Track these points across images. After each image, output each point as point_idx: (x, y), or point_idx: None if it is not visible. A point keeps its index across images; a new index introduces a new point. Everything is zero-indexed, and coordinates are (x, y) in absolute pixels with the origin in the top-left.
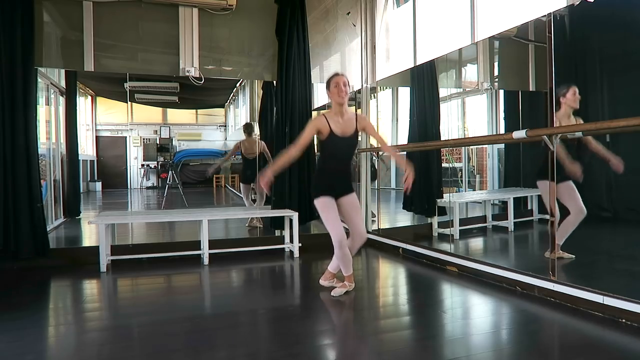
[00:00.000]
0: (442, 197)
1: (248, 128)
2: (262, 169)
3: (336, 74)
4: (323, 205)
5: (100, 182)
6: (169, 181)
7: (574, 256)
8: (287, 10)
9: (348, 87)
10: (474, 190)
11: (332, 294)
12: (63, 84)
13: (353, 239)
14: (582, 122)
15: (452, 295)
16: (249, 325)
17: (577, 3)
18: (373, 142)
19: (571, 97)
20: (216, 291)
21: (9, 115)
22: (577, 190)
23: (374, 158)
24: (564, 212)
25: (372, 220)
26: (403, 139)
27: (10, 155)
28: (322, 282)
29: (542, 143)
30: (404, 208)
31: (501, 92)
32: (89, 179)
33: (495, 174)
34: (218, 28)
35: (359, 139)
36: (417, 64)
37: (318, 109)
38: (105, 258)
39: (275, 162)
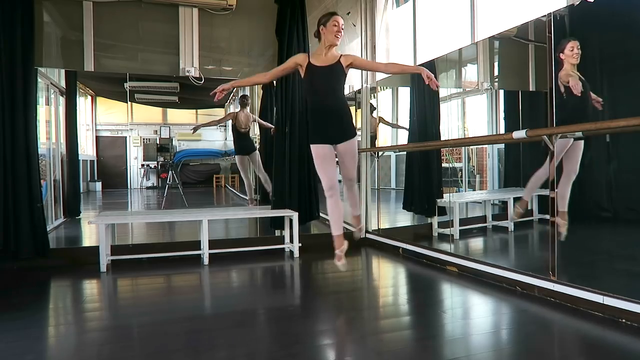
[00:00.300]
0: (442, 197)
1: (244, 100)
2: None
3: (335, 13)
4: (315, 154)
5: (100, 182)
6: (169, 181)
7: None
8: (287, 10)
9: (342, 29)
10: (474, 190)
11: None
12: (63, 84)
13: (345, 186)
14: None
15: (452, 295)
16: (249, 325)
17: (577, 3)
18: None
19: (569, 53)
20: (216, 291)
21: (9, 115)
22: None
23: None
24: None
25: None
26: (403, 139)
27: (10, 155)
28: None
29: (542, 143)
30: (404, 208)
31: (501, 92)
32: (89, 179)
33: (495, 174)
34: (218, 28)
35: (345, 74)
36: (417, 64)
37: None
38: (105, 258)
39: (239, 80)
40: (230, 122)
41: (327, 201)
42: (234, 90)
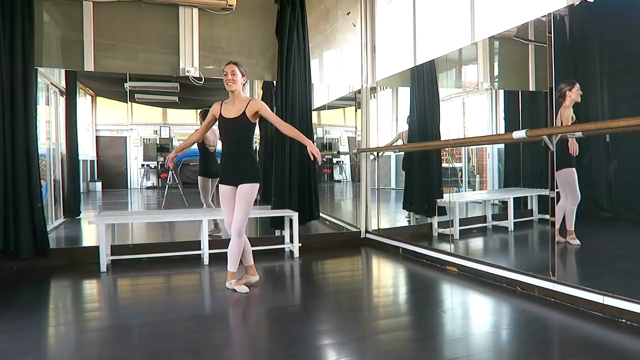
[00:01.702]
0: (442, 197)
1: (206, 114)
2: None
3: (227, 63)
4: (220, 193)
5: (100, 182)
6: (169, 181)
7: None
8: (287, 10)
9: (238, 76)
10: (474, 190)
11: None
12: (63, 84)
13: (231, 228)
14: (573, 115)
15: (452, 295)
16: (249, 325)
17: (577, 3)
18: (373, 143)
19: (575, 92)
20: (216, 291)
21: (9, 115)
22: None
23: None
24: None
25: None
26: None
27: (10, 155)
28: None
29: (542, 143)
30: (404, 208)
31: (501, 92)
32: (89, 179)
33: (495, 174)
34: (218, 28)
35: (252, 122)
36: (417, 64)
37: (318, 109)
38: (105, 258)
39: (179, 145)
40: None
41: (231, 245)
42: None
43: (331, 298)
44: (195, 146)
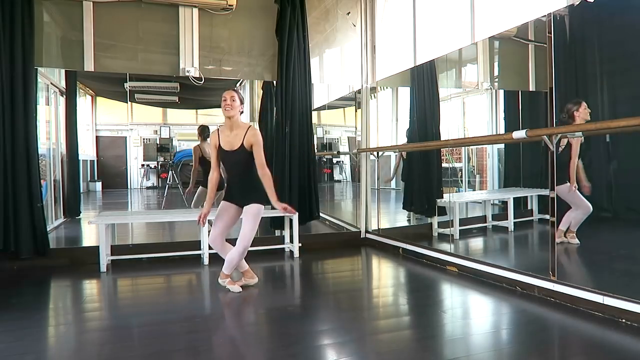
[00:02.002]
0: (442, 197)
1: (204, 132)
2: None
3: (227, 90)
4: (220, 207)
5: (100, 182)
6: (169, 181)
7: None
8: (287, 10)
9: (237, 102)
10: (474, 190)
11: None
12: (63, 84)
13: (237, 244)
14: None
15: (452, 295)
16: (249, 325)
17: (577, 3)
18: (373, 143)
19: (583, 111)
20: (216, 291)
21: (9, 115)
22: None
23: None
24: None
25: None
26: (403, 139)
27: (10, 155)
28: (219, 280)
29: (542, 143)
30: (404, 208)
31: (501, 92)
32: (89, 179)
33: (495, 174)
34: (218, 28)
35: (251, 152)
36: (417, 64)
37: (318, 109)
38: (105, 258)
39: (208, 196)
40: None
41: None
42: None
43: (331, 298)
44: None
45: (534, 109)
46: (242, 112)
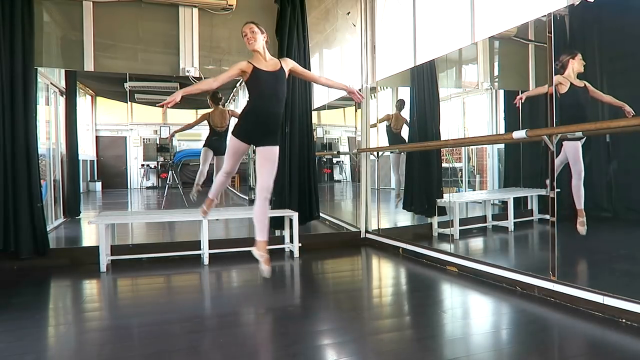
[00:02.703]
0: (442, 197)
1: (214, 97)
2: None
3: (245, 24)
4: (231, 145)
5: (100, 182)
6: (169, 181)
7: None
8: (287, 10)
9: (258, 33)
10: (474, 190)
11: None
12: (63, 84)
13: (257, 192)
14: (586, 83)
15: (452, 295)
16: (249, 325)
17: (577, 3)
18: (373, 143)
19: (578, 61)
20: (216, 291)
21: (9, 115)
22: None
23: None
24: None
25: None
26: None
27: (10, 155)
28: (253, 251)
29: (542, 143)
30: (404, 208)
31: (501, 92)
32: (89, 179)
33: (495, 174)
34: (218, 28)
35: (286, 79)
36: (417, 64)
37: (318, 108)
38: (105, 258)
39: (187, 87)
40: (207, 122)
41: (219, 177)
42: (233, 90)
43: (331, 298)
44: (195, 146)
45: (534, 109)
46: (267, 42)
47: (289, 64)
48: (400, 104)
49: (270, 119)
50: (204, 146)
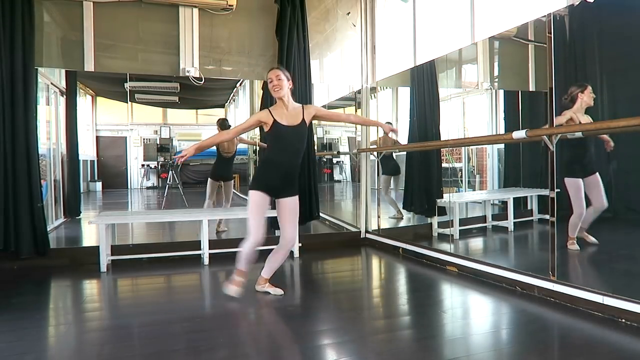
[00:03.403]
0: (442, 197)
1: (223, 124)
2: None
3: (270, 69)
4: (254, 200)
5: (100, 182)
6: (169, 181)
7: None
8: (287, 10)
9: (284, 80)
10: (474, 190)
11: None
12: (63, 84)
13: (281, 243)
14: (591, 120)
15: (452, 295)
16: (249, 325)
17: (577, 3)
18: (371, 142)
19: (588, 95)
20: (216, 291)
21: (9, 115)
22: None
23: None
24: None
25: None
26: (403, 139)
27: (10, 155)
28: (256, 287)
29: (541, 143)
30: (404, 208)
31: (501, 92)
32: (89, 179)
33: (495, 174)
34: (218, 28)
35: (307, 131)
36: (417, 64)
37: None
38: (105, 258)
39: (202, 142)
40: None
41: (245, 250)
42: (234, 90)
43: (331, 298)
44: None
45: (534, 109)
46: (292, 89)
47: (311, 112)
48: (223, 124)
49: (290, 172)
50: (210, 178)
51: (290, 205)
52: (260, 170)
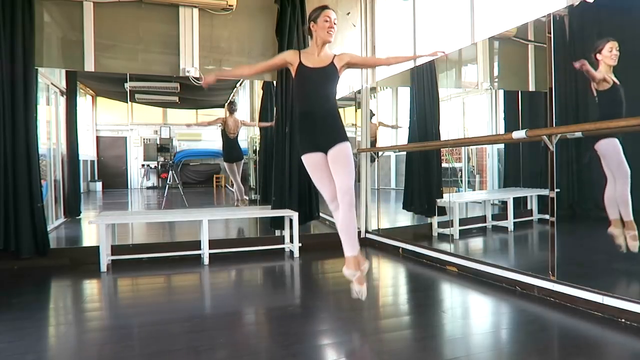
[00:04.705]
0: (442, 197)
1: (231, 106)
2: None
3: (327, 7)
4: (307, 164)
5: (100, 182)
6: (169, 181)
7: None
8: (287, 10)
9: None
10: (474, 190)
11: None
12: (63, 84)
13: (338, 197)
14: (616, 80)
15: (452, 295)
16: (249, 325)
17: (577, 3)
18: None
19: (607, 54)
20: (216, 291)
21: (10, 115)
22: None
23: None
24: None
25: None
26: (403, 139)
27: (10, 155)
28: (345, 271)
29: (541, 143)
30: (404, 208)
31: (501, 92)
32: (89, 179)
33: (495, 174)
34: (218, 28)
35: (339, 75)
36: (417, 64)
37: None
38: (105, 258)
39: (222, 71)
40: (220, 127)
41: (334, 215)
42: (234, 90)
43: (331, 298)
44: (195, 146)
45: (533, 109)
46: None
47: (343, 58)
48: (231, 106)
49: (326, 120)
50: (225, 161)
51: (336, 153)
52: (298, 130)
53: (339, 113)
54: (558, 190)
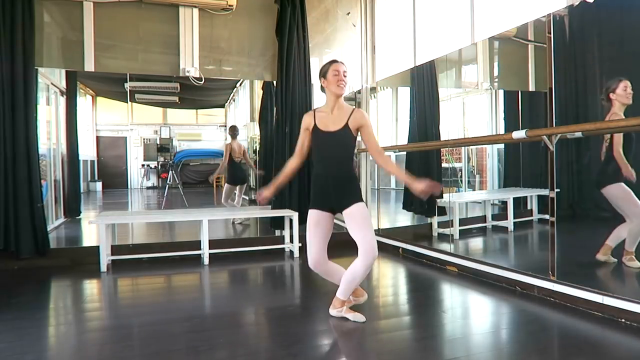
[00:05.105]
0: (442, 197)
1: (234, 131)
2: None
3: (335, 61)
4: (311, 218)
5: (100, 182)
6: (169, 181)
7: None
8: (287, 10)
9: (348, 78)
10: (474, 190)
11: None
12: (63, 84)
13: (359, 257)
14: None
15: (452, 295)
16: (248, 325)
17: (577, 3)
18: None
19: (622, 93)
20: (216, 291)
21: (10, 115)
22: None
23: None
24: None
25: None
26: (403, 139)
27: (10, 155)
28: (331, 311)
29: (541, 143)
30: (404, 208)
31: (501, 92)
32: (89, 179)
33: (495, 174)
34: (218, 28)
35: (354, 137)
36: (417, 64)
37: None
38: (105, 258)
39: (277, 177)
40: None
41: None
42: (234, 90)
43: (331, 298)
44: (195, 146)
45: (533, 109)
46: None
47: (358, 121)
48: (233, 132)
49: (339, 182)
50: (228, 183)
51: (352, 213)
52: (311, 186)
53: (354, 175)
54: (558, 190)
